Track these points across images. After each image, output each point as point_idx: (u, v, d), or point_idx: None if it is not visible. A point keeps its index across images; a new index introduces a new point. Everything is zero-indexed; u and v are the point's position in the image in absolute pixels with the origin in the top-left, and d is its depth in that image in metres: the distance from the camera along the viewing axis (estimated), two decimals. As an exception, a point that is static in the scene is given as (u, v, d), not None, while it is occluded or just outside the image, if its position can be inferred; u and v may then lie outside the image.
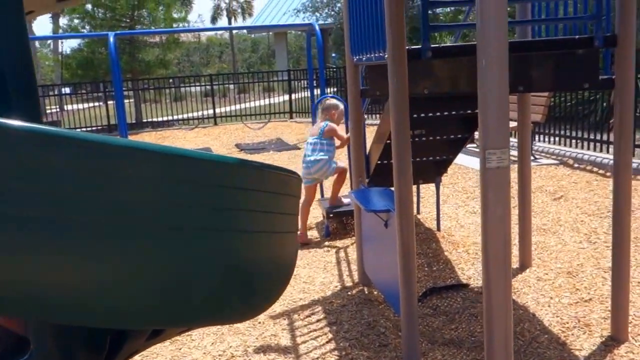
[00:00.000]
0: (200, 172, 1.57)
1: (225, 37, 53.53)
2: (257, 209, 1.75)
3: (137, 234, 1.54)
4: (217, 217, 1.63)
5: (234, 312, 1.85)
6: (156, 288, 1.62)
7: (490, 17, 2.20)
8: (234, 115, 17.28)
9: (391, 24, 3.06)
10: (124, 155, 1.49)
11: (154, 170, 1.52)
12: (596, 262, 4.38)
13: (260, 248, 1.80)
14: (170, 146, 1.57)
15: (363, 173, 4.34)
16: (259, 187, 1.74)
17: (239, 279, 1.75)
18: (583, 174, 7.22)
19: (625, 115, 3.24)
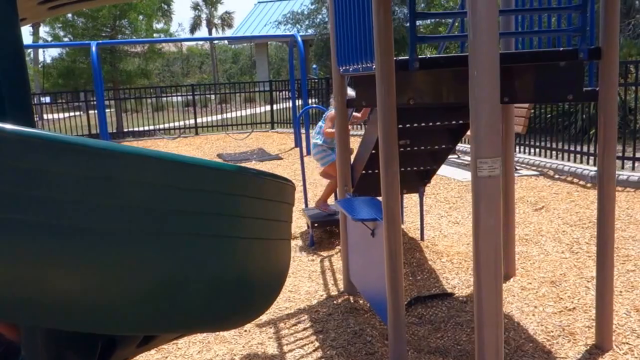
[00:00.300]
0: (200, 178, 1.57)
1: (206, 47, 53.47)
2: (253, 216, 1.75)
3: (133, 240, 1.54)
4: (214, 224, 1.63)
5: (229, 318, 1.85)
6: (151, 293, 1.61)
7: (481, 29, 2.24)
8: (215, 125, 17.25)
9: (379, 35, 3.09)
10: (122, 160, 1.48)
11: (152, 176, 1.52)
12: (579, 272, 4.44)
13: (256, 255, 1.80)
14: (169, 152, 1.57)
15: (349, 182, 4.36)
16: (256, 194, 1.74)
17: (234, 285, 1.75)
18: (563, 185, 7.31)
19: (609, 127, 3.28)
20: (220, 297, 1.72)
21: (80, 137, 1.49)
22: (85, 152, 1.44)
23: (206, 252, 1.63)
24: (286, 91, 17.18)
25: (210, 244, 1.64)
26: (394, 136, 3.19)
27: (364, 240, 3.84)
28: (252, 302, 1.89)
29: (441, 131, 4.77)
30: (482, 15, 2.25)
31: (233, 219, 1.67)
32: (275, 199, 1.84)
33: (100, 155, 1.45)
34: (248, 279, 1.79)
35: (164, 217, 1.54)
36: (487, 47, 2.26)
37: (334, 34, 4.09)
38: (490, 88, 2.27)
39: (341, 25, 3.90)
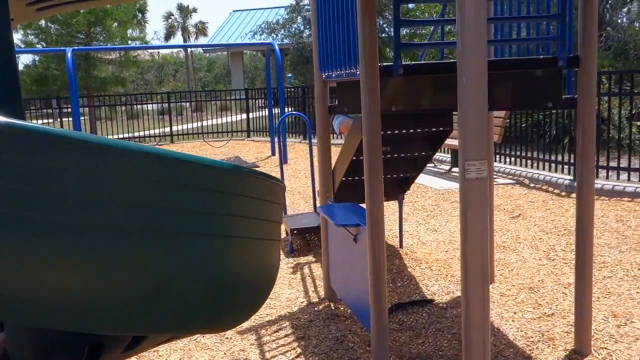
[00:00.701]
0: (195, 176, 1.55)
1: (181, 56, 53.23)
2: (247, 215, 1.74)
3: (125, 238, 1.51)
4: (209, 223, 1.62)
5: (222, 318, 1.83)
6: (143, 292, 1.58)
7: (470, 37, 2.26)
8: (191, 133, 17.15)
9: (364, 40, 3.11)
10: (116, 156, 1.46)
11: (147, 172, 1.50)
12: (556, 278, 4.49)
13: (249, 255, 1.79)
14: (165, 149, 1.55)
15: (330, 189, 4.36)
16: (249, 193, 1.73)
17: (228, 284, 1.73)
18: (539, 193, 7.41)
19: (587, 134, 3.33)
20: (214, 297, 1.70)
21: (74, 131, 1.46)
22: (79, 146, 1.41)
23: (200, 251, 1.61)
24: (262, 99, 17.15)
25: (204, 243, 1.63)
26: (379, 142, 3.20)
27: (345, 247, 3.83)
28: (244, 302, 1.87)
29: (421, 138, 4.80)
30: (471, 23, 2.27)
31: (227, 217, 1.66)
32: (267, 199, 1.84)
33: (94, 150, 1.43)
34: (241, 279, 1.78)
35: (158, 214, 1.52)
36: (476, 53, 2.28)
37: (316, 39, 4.10)
38: (478, 94, 2.29)
39: (324, 31, 3.91)
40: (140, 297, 1.60)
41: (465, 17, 2.28)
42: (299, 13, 20.41)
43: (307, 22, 19.53)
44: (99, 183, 1.48)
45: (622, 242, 5.27)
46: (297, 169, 10.35)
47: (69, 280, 1.48)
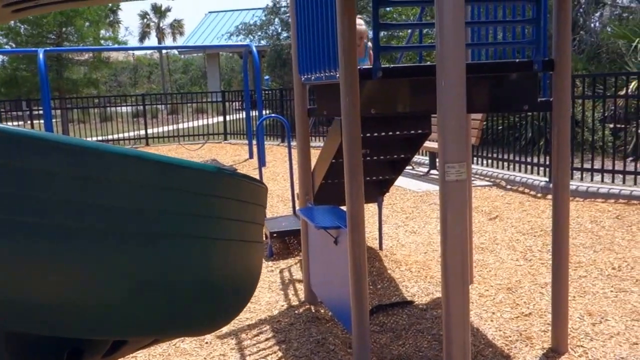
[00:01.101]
0: (179, 178, 1.55)
1: (155, 57, 52.80)
2: (231, 217, 1.74)
3: (107, 240, 1.50)
4: (193, 225, 1.61)
5: (206, 321, 1.83)
6: (125, 295, 1.57)
7: (449, 40, 2.29)
8: (166, 136, 17.02)
9: (343, 43, 3.12)
10: (100, 158, 1.45)
11: (130, 174, 1.49)
12: (533, 279, 4.55)
13: (233, 256, 1.79)
14: (148, 152, 1.55)
15: (310, 191, 4.37)
16: (233, 195, 1.74)
17: (211, 287, 1.73)
18: (515, 195, 7.50)
19: (562, 137, 3.38)
20: (197, 299, 1.70)
21: (54, 134, 1.45)
22: (59, 148, 1.40)
23: (184, 253, 1.61)
24: (239, 102, 17.09)
25: (188, 245, 1.62)
26: (359, 144, 3.21)
27: (326, 249, 3.84)
28: (227, 303, 1.87)
29: (400, 141, 4.83)
30: (450, 26, 2.30)
31: (210, 220, 1.66)
32: (250, 201, 1.84)
33: (76, 153, 1.41)
34: (225, 280, 1.78)
35: (141, 217, 1.51)
36: (455, 57, 2.31)
37: (295, 42, 4.10)
38: (457, 97, 2.32)
39: (303, 34, 3.91)
40: (120, 300, 1.59)
41: (443, 21, 2.31)
42: (276, 15, 20.38)
43: (285, 24, 19.52)
44: (78, 185, 1.47)
45: (596, 242, 5.36)
46: (276, 172, 10.35)
47: (46, 283, 1.47)
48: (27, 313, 1.53)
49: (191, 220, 1.66)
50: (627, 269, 4.64)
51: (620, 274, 4.55)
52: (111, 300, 1.57)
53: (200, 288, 1.76)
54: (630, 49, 9.99)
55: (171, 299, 1.68)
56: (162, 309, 1.68)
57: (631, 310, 3.88)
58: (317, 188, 4.94)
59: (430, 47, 3.16)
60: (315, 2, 3.60)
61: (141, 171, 1.51)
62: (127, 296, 1.57)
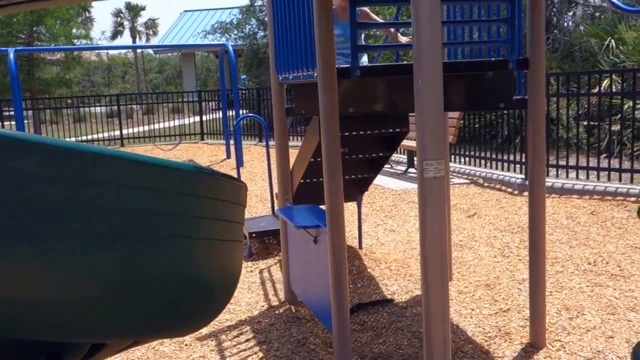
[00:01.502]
0: (157, 178, 1.54)
1: (129, 56, 52.25)
2: (210, 216, 1.73)
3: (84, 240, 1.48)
4: (172, 225, 1.60)
5: (186, 322, 1.81)
6: (103, 297, 1.55)
7: (425, 39, 2.30)
8: (141, 136, 16.86)
9: (321, 42, 3.12)
10: (78, 158, 1.43)
11: (107, 174, 1.47)
12: (511, 275, 4.60)
13: (213, 256, 1.78)
14: (125, 151, 1.53)
15: (289, 191, 4.36)
16: (213, 194, 1.73)
17: (191, 287, 1.72)
18: (493, 192, 7.57)
19: (537, 134, 3.42)
20: (178, 299, 1.68)
21: (25, 133, 1.43)
22: (31, 147, 1.38)
23: (163, 254, 1.60)
24: (215, 102, 17.00)
25: (168, 245, 1.61)
26: (337, 143, 3.22)
27: (305, 248, 3.84)
28: (208, 303, 1.86)
29: (378, 139, 4.85)
30: (426, 26, 2.31)
31: (191, 219, 1.65)
32: (230, 200, 1.83)
33: (51, 152, 1.39)
34: (205, 281, 1.77)
35: (119, 216, 1.49)
36: (432, 55, 2.33)
37: (272, 41, 4.10)
38: (434, 94, 2.34)
39: (280, 33, 3.91)
40: (98, 301, 1.57)
41: (420, 20, 2.32)
42: (252, 14, 20.31)
43: (261, 23, 19.47)
44: (52, 185, 1.44)
45: (572, 237, 5.43)
46: (254, 172, 10.31)
47: (20, 285, 1.45)
48: (3, 316, 1.50)
49: (170, 220, 1.65)
50: (602, 263, 4.71)
51: (595, 268, 4.61)
52: (88, 302, 1.55)
53: (179, 288, 1.74)
54: (603, 48, 10.14)
55: (150, 300, 1.66)
56: (141, 310, 1.67)
57: (607, 305, 3.94)
58: (295, 187, 4.94)
59: (407, 47, 3.17)
60: (292, 2, 3.60)
61: (118, 171, 1.49)
62: (104, 298, 1.55)
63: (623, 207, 6.22)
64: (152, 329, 1.78)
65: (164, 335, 2.13)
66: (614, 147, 8.08)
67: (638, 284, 4.26)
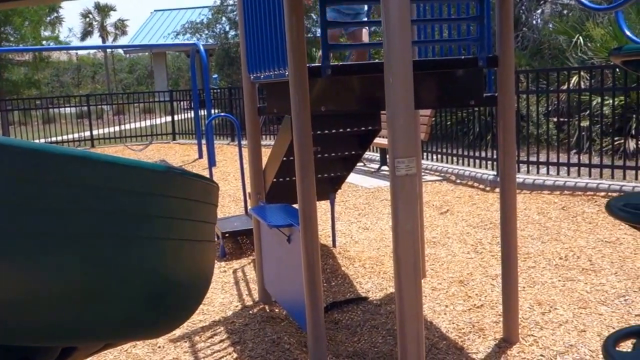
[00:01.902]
0: (127, 178, 1.52)
1: (99, 57, 51.60)
2: (182, 216, 1.71)
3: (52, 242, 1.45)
4: (143, 225, 1.58)
5: (158, 323, 1.79)
6: (73, 299, 1.53)
7: (396, 38, 2.30)
8: (112, 137, 16.66)
9: (292, 41, 3.12)
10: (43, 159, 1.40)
11: (75, 175, 1.44)
12: (484, 271, 4.63)
13: (185, 257, 1.76)
14: (93, 152, 1.51)
15: (262, 190, 4.34)
16: (183, 194, 1.71)
17: (163, 288, 1.70)
18: (465, 189, 7.63)
19: (508, 130, 3.45)
20: (150, 300, 1.66)
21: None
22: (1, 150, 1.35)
23: (134, 255, 1.57)
24: (187, 101, 16.88)
25: (138, 246, 1.59)
26: (309, 142, 3.21)
27: (279, 248, 3.83)
28: (180, 304, 1.84)
29: (351, 137, 4.86)
30: (396, 25, 2.31)
31: (162, 219, 1.63)
32: (202, 200, 1.81)
33: (18, 153, 1.36)
34: (177, 282, 1.75)
35: (89, 218, 1.47)
36: (401, 54, 2.33)
37: (244, 40, 4.07)
38: (405, 93, 2.34)
39: (251, 32, 3.89)
40: (67, 304, 1.54)
41: (390, 19, 2.32)
42: (223, 13, 20.19)
43: (233, 23, 19.36)
44: (20, 186, 1.41)
45: (544, 233, 5.50)
46: (226, 172, 10.26)
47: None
48: None
49: (140, 220, 1.63)
50: (573, 258, 4.77)
51: (567, 263, 4.68)
52: (57, 305, 1.52)
53: (151, 290, 1.72)
54: (571, 45, 10.28)
55: (121, 302, 1.64)
56: (112, 312, 1.64)
57: (578, 299, 3.99)
58: (268, 187, 4.92)
59: (378, 45, 3.18)
60: (262, 1, 3.58)
61: (86, 172, 1.47)
62: (74, 300, 1.52)
63: (593, 202, 6.31)
64: (124, 331, 1.75)
65: (136, 337, 2.11)
66: (584, 143, 8.20)
67: (609, 277, 4.32)
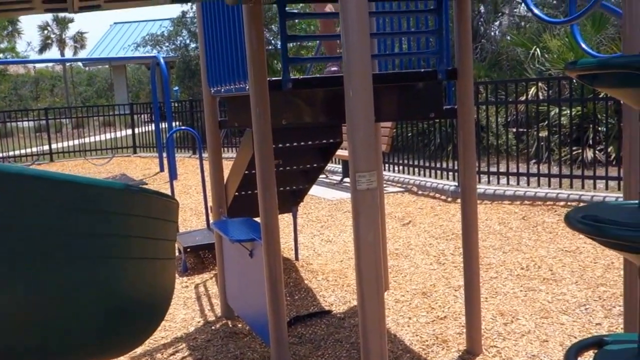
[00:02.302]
0: (85, 197, 1.47)
1: (58, 69, 50.73)
2: (141, 235, 1.67)
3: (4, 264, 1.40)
4: (102, 244, 1.54)
5: (119, 343, 1.74)
6: (29, 320, 1.48)
7: (355, 51, 2.30)
8: (72, 151, 16.35)
9: (252, 55, 3.10)
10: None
11: (29, 194, 1.40)
12: (447, 282, 4.66)
13: (145, 275, 1.72)
14: (48, 170, 1.46)
15: (224, 204, 4.29)
16: (143, 212, 1.67)
17: (123, 307, 1.65)
18: (427, 200, 7.69)
19: (467, 142, 3.49)
20: (108, 320, 1.62)
21: None
22: None
23: (91, 274, 1.53)
24: (148, 114, 16.69)
25: (96, 265, 1.54)
26: (270, 155, 3.19)
27: (241, 262, 3.79)
28: (141, 322, 1.80)
29: (312, 150, 4.84)
30: (355, 39, 2.31)
31: (120, 238, 1.59)
32: (162, 217, 1.78)
33: None
34: (137, 300, 1.70)
35: (45, 237, 1.42)
36: (361, 67, 2.33)
37: (204, 54, 4.04)
38: (365, 106, 2.34)
39: (211, 46, 3.86)
40: (25, 324, 1.49)
41: (349, 33, 2.32)
42: (184, 26, 20.08)
43: (193, 35, 19.25)
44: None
45: (505, 243, 5.56)
46: (188, 185, 10.15)
47: None
48: None
49: (98, 239, 1.58)
50: (534, 268, 4.83)
51: (528, 273, 4.73)
52: (15, 325, 1.47)
53: (111, 309, 1.68)
54: (529, 56, 10.49)
55: (81, 322, 1.59)
56: (71, 332, 1.59)
57: (540, 309, 4.03)
58: (230, 200, 4.87)
59: (337, 58, 3.18)
60: (222, 15, 3.56)
61: (41, 191, 1.42)
62: (31, 320, 1.47)
63: (553, 211, 6.42)
64: (84, 351, 1.70)
65: (97, 357, 2.05)
66: (543, 153, 8.35)
67: (569, 287, 4.38)
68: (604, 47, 9.80)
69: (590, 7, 2.49)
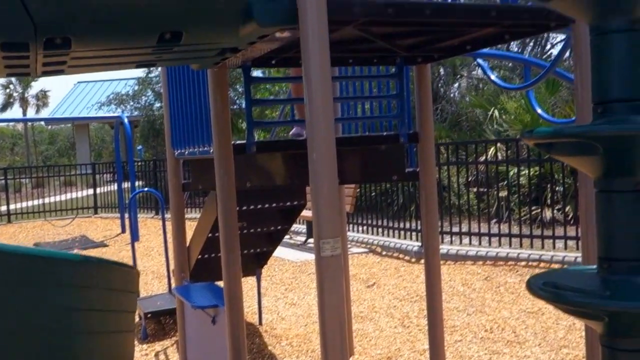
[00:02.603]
0: (39, 270, 1.43)
1: (19, 128, 50.14)
2: (98, 308, 1.62)
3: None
4: (55, 318, 1.48)
5: None
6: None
7: (319, 115, 2.33)
8: (31, 211, 15.99)
9: (217, 119, 3.11)
10: None
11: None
12: (412, 346, 4.61)
13: (100, 349, 1.66)
14: (5, 244, 1.42)
15: (186, 267, 4.22)
16: (100, 284, 1.62)
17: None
18: (391, 260, 7.68)
19: (430, 203, 3.53)
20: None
21: None
22: None
23: (44, 350, 1.47)
24: (110, 174, 16.51)
25: (49, 341, 1.48)
26: (234, 218, 3.17)
27: (203, 328, 3.69)
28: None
29: (277, 212, 4.83)
30: (319, 103, 2.34)
31: (75, 312, 1.53)
32: (121, 289, 1.73)
33: None
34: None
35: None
36: (325, 131, 2.35)
37: (168, 116, 4.04)
38: (329, 170, 2.35)
39: (176, 108, 3.87)
40: None
41: (313, 97, 2.35)
42: (149, 85, 20.15)
43: (157, 95, 19.32)
44: None
45: (469, 304, 5.56)
46: (150, 247, 9.98)
47: None
48: None
49: (52, 313, 1.53)
50: (498, 330, 4.83)
51: (492, 335, 4.72)
52: None
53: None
54: (487, 117, 10.78)
55: None
56: None
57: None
58: (193, 263, 4.79)
59: (301, 122, 3.22)
60: (187, 79, 3.59)
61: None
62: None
63: (515, 271, 6.47)
64: None
65: None
66: (503, 212, 8.47)
67: (533, 349, 4.38)
68: (558, 109, 10.16)
69: (543, 75, 2.60)
